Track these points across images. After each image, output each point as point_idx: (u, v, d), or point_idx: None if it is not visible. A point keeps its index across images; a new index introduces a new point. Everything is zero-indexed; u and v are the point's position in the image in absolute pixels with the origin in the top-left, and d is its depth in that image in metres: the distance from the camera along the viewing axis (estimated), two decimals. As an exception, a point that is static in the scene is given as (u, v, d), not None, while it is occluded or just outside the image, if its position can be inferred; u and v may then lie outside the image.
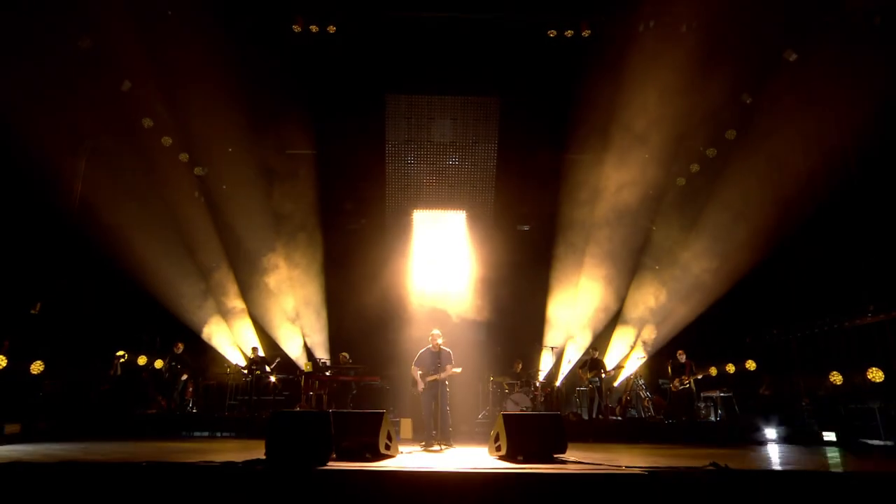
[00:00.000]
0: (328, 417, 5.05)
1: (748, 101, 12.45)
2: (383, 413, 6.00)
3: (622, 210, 12.89)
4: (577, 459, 5.80)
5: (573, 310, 14.08)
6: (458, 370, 8.45)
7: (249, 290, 14.10)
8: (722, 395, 12.66)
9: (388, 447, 5.98)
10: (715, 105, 11.81)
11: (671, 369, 12.78)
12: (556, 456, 6.04)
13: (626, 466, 4.92)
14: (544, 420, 6.17)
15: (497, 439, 6.11)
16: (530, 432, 5.97)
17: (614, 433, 11.44)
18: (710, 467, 4.73)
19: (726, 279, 12.84)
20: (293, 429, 4.96)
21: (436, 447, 8.04)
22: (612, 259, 13.41)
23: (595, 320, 14.01)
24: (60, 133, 12.32)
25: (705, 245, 12.63)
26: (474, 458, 6.33)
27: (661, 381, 13.16)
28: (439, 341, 8.62)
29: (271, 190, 14.05)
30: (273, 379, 13.52)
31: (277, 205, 13.90)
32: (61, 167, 12.83)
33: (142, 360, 13.38)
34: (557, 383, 13.76)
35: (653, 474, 4.51)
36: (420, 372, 8.48)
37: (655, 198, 13.19)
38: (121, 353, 13.11)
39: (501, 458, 6.02)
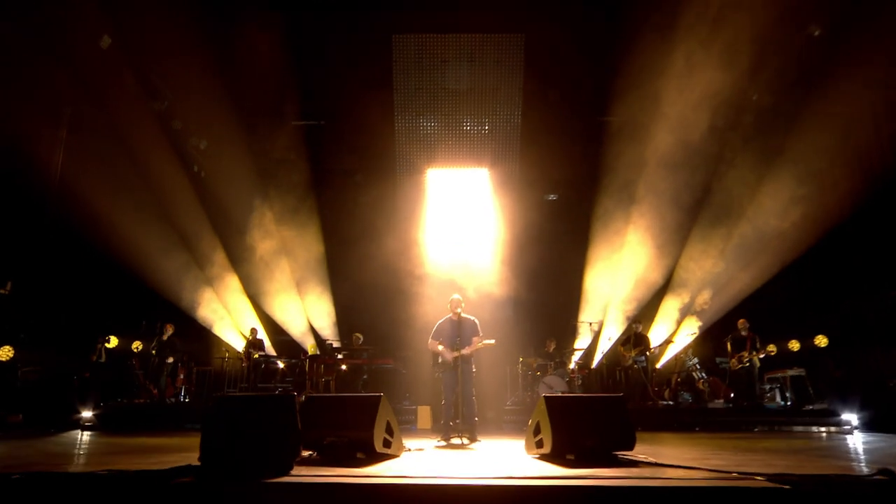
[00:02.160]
0: (292, 404, 3.45)
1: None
2: (380, 397, 4.39)
3: (674, 166, 10.96)
4: (652, 459, 4.14)
5: (614, 280, 12.29)
6: (491, 342, 6.78)
7: (245, 267, 12.63)
8: (792, 374, 10.83)
9: (387, 443, 4.38)
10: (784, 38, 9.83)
11: (730, 344, 10.97)
12: (620, 455, 4.39)
13: (741, 474, 3.23)
14: (603, 404, 4.49)
15: (537, 431, 4.47)
16: (584, 422, 4.30)
17: (664, 421, 9.83)
18: (881, 476, 3.02)
19: (796, 242, 10.89)
20: (242, 421, 3.38)
21: (457, 441, 6.45)
22: (661, 222, 11.54)
23: (639, 291, 12.21)
24: (37, 99, 11.09)
25: (773, 203, 10.62)
26: (506, 457, 4.68)
27: (718, 359, 11.33)
28: (460, 309, 6.98)
29: (265, 156, 12.53)
30: (281, 365, 12.12)
31: (271, 170, 12.37)
32: (39, 136, 11.56)
33: (136, 346, 12.08)
34: (594, 364, 12.03)
35: (797, 487, 2.81)
36: (441, 347, 6.86)
37: (715, 149, 11.19)
38: (111, 338, 11.88)
39: (544, 457, 4.38)
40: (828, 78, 9.80)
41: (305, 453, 4.39)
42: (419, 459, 4.40)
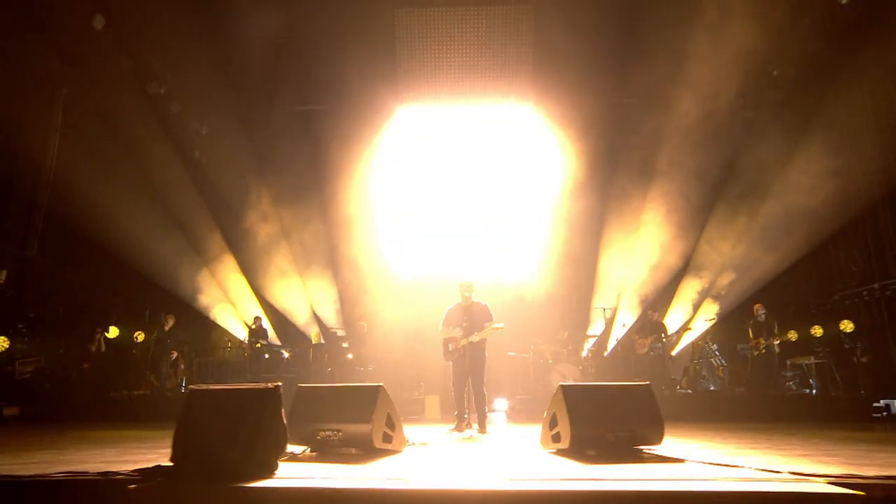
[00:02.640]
0: (277, 397, 3.03)
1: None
2: (379, 387, 3.97)
3: (695, 142, 10.37)
4: (686, 456, 3.70)
5: (629, 263, 11.78)
6: (501, 325, 6.36)
7: (246, 254, 12.26)
8: (817, 361, 10.31)
9: (387, 438, 3.97)
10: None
11: (752, 330, 10.46)
12: (647, 450, 3.95)
13: (795, 475, 2.77)
14: (628, 393, 4.03)
15: (554, 424, 4.03)
16: (607, 413, 3.85)
17: (683, 410, 9.36)
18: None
19: (823, 221, 10.29)
20: (220, 417, 2.97)
21: (467, 432, 6.04)
22: (680, 202, 10.98)
23: (655, 275, 11.70)
24: (28, 81, 10.74)
25: (803, 177, 9.99)
26: (520, 453, 4.25)
27: (739, 346, 10.81)
28: (470, 293, 6.53)
29: (265, 141, 12.13)
30: (286, 354, 11.77)
31: (272, 154, 11.95)
32: (32, 120, 11.20)
33: (140, 336, 11.77)
34: (606, 353, 11.57)
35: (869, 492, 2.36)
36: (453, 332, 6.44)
37: (740, 122, 10.58)
38: (112, 328, 11.60)
39: (562, 452, 3.95)
40: (858, 42, 9.17)
41: (297, 449, 3.99)
42: (423, 456, 3.98)
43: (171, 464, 2.90)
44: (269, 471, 2.91)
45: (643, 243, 11.49)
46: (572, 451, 3.81)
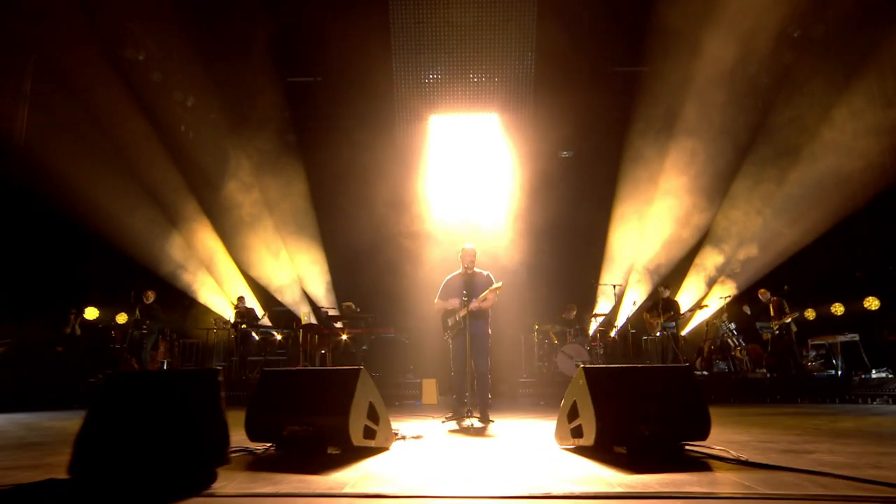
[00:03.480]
0: (214, 382, 2.28)
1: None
2: (358, 371, 3.22)
3: (715, 104, 9.52)
4: (738, 454, 2.97)
5: (641, 237, 11.02)
6: (499, 284, 5.56)
7: (230, 230, 11.48)
8: (843, 340, 9.60)
9: (370, 433, 3.23)
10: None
11: (760, 313, 9.82)
12: (690, 447, 3.23)
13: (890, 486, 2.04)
14: (665, 377, 3.29)
15: (573, 415, 3.30)
16: (639, 402, 3.12)
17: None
18: None
19: (855, 188, 9.50)
20: (141, 411, 2.23)
21: (467, 422, 5.33)
22: (701, 170, 10.16)
23: (668, 250, 10.94)
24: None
25: (841, 138, 9.12)
26: (532, 450, 3.51)
27: (758, 324, 10.08)
28: (472, 261, 5.77)
29: (251, 112, 11.27)
30: (279, 336, 11.06)
31: (257, 126, 11.10)
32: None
33: (122, 318, 11.05)
34: (613, 333, 10.84)
35: None
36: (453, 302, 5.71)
37: (768, 79, 9.70)
38: (90, 309, 10.90)
39: (584, 450, 3.22)
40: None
41: (259, 447, 3.27)
42: (414, 455, 3.25)
43: (66, 477, 2.16)
44: (203, 482, 2.18)
45: (658, 214, 10.71)
46: (597, 449, 3.08)
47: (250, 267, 11.54)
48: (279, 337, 11.09)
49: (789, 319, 9.55)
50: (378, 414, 3.34)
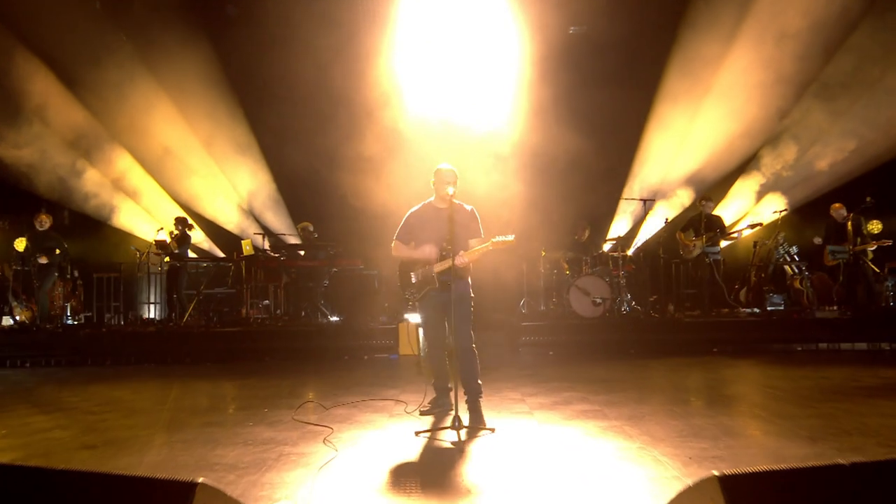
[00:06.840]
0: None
1: None
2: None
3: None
4: None
5: (685, 138, 8.56)
6: (510, 238, 3.27)
7: (136, 133, 8.79)
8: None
9: None
10: None
11: (851, 225, 7.58)
12: None
13: None
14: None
15: None
16: None
17: (752, 338, 6.88)
18: None
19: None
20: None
21: (448, 433, 3.14)
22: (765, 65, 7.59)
23: (716, 158, 8.54)
24: None
25: None
26: None
27: (830, 247, 7.83)
28: (451, 190, 3.46)
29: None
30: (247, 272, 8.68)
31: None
32: None
33: (21, 244, 8.45)
34: (630, 250, 8.59)
35: None
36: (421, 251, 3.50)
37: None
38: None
39: None
40: None
41: None
42: None
43: None
44: None
45: (708, 112, 8.19)
46: None
47: (177, 187, 9.00)
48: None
49: (874, 246, 7.38)
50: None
